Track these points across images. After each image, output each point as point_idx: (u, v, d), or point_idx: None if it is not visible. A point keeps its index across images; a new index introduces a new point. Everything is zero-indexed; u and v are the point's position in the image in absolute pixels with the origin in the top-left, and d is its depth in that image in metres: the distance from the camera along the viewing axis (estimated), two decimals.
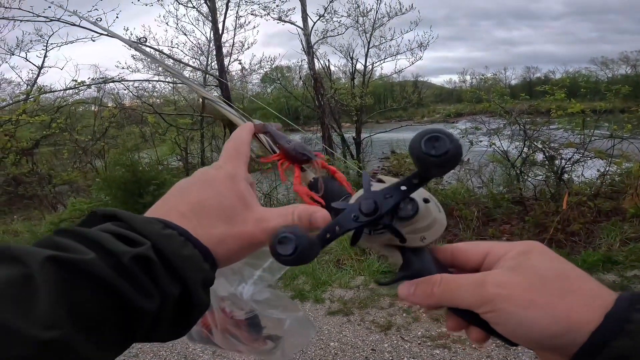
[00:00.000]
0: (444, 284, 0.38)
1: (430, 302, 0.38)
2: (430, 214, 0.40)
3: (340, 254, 4.66)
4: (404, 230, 0.40)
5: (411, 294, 0.39)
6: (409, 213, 0.39)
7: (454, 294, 0.37)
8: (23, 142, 8.28)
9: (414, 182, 0.37)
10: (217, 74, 7.61)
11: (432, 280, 0.38)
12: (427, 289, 0.38)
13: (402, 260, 0.41)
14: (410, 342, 2.95)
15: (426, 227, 0.40)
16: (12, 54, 8.00)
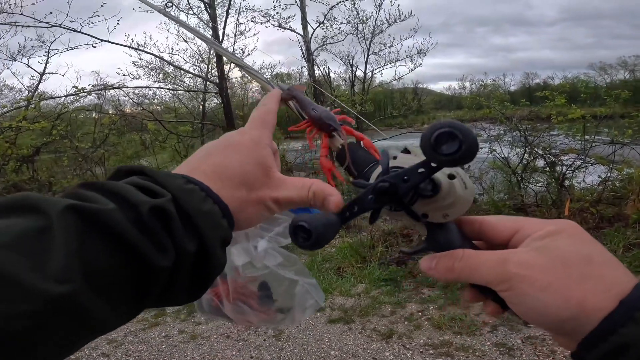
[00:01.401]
0: (465, 259, 0.37)
1: (450, 276, 0.38)
2: (455, 191, 0.39)
3: (340, 261, 4.62)
4: (426, 207, 0.39)
5: (432, 268, 0.39)
6: (428, 193, 0.39)
7: (474, 270, 0.37)
8: (24, 149, 8.27)
9: (432, 165, 0.36)
10: (217, 80, 7.63)
11: (454, 255, 0.38)
12: (448, 263, 0.38)
13: (426, 232, 0.41)
14: (412, 350, 2.90)
15: (449, 204, 0.39)
16: (14, 60, 8.03)
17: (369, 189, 0.39)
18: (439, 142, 0.33)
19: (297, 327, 3.38)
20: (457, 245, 0.39)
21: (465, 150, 0.32)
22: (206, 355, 3.11)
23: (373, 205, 0.39)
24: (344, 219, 0.40)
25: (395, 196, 0.38)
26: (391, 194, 0.38)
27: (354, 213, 0.40)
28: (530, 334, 2.91)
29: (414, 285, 3.94)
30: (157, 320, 3.67)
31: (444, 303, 3.50)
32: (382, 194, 0.38)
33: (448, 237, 0.40)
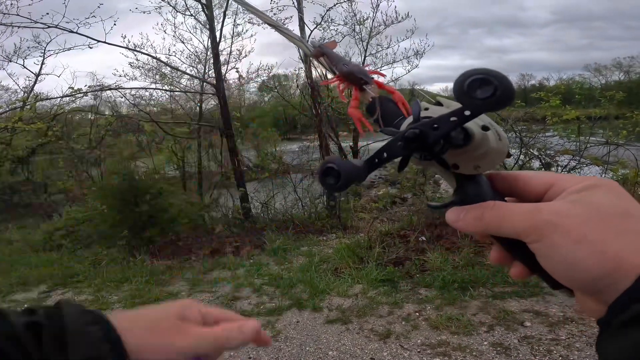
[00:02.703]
0: (496, 209, 0.36)
1: (479, 227, 0.36)
2: (488, 142, 0.38)
3: (338, 262, 4.63)
4: (457, 158, 0.38)
5: (460, 219, 0.38)
6: (459, 142, 0.38)
7: (504, 219, 0.35)
8: (19, 151, 8.23)
9: (465, 113, 0.35)
10: (214, 82, 7.62)
11: (485, 205, 0.37)
12: (477, 212, 0.36)
13: (455, 185, 0.40)
14: (409, 350, 2.91)
15: (481, 155, 0.38)
16: (9, 61, 7.99)
17: (398, 136, 0.38)
18: (472, 87, 0.32)
19: (295, 328, 3.39)
20: (488, 199, 0.38)
21: (501, 95, 0.32)
22: None
23: (402, 152, 0.39)
24: (372, 165, 0.39)
25: (425, 144, 0.37)
26: (421, 141, 0.37)
27: (383, 159, 0.39)
28: (526, 333, 2.93)
29: (411, 285, 3.95)
30: None
31: (441, 303, 3.51)
32: (411, 140, 0.37)
33: (478, 190, 0.39)
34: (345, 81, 0.52)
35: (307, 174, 8.78)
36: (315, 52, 0.56)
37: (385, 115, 0.48)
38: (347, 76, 0.51)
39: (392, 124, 0.47)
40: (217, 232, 6.39)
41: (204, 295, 4.16)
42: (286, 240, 5.68)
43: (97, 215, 6.29)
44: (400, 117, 0.47)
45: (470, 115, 0.35)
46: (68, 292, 4.46)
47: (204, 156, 9.22)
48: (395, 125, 0.46)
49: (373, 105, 0.48)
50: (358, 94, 0.50)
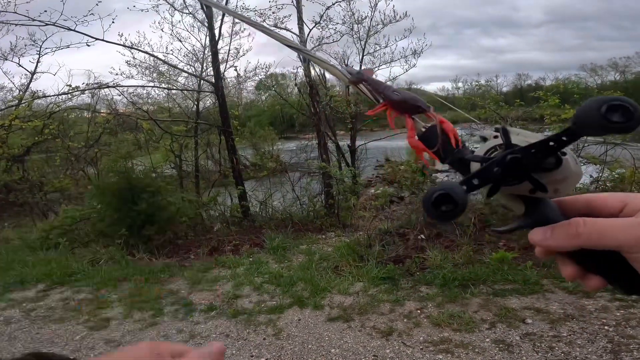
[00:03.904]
0: (591, 224, 0.38)
1: (573, 242, 0.38)
2: (568, 167, 0.40)
3: (338, 260, 4.63)
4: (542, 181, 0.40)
5: (548, 237, 0.40)
6: (551, 166, 0.40)
7: (605, 233, 0.37)
8: (14, 149, 8.16)
9: (563, 139, 0.38)
10: (212, 80, 7.59)
11: (575, 222, 0.39)
12: (570, 230, 0.38)
13: (524, 210, 0.42)
14: (412, 347, 2.92)
15: (562, 179, 0.40)
16: (5, 59, 7.92)
17: (495, 161, 0.39)
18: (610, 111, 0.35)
19: (297, 326, 3.38)
20: (561, 220, 0.40)
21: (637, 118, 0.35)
22: None
23: (497, 177, 0.40)
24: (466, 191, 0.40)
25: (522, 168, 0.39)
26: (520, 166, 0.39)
27: (474, 186, 0.40)
28: (528, 330, 2.95)
29: (411, 283, 3.96)
30: (154, 320, 3.65)
31: (442, 301, 3.53)
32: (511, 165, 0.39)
33: (551, 212, 0.41)
34: (396, 109, 0.51)
35: (305, 173, 8.78)
36: (355, 79, 0.55)
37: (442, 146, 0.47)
38: (401, 104, 0.51)
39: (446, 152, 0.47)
40: (216, 231, 6.37)
41: (204, 294, 4.14)
42: (285, 239, 5.67)
43: (94, 214, 6.25)
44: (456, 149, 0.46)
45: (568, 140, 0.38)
46: (66, 291, 4.42)
47: (201, 155, 9.18)
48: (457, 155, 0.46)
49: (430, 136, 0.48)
50: (412, 122, 0.50)
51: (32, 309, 4.04)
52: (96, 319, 3.72)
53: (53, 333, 3.54)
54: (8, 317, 3.90)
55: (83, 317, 3.79)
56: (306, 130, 10.81)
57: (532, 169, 0.39)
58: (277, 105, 15.85)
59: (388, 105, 0.52)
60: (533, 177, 0.40)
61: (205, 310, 3.78)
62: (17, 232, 7.09)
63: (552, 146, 0.38)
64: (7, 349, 3.34)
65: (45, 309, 4.04)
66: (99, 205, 6.19)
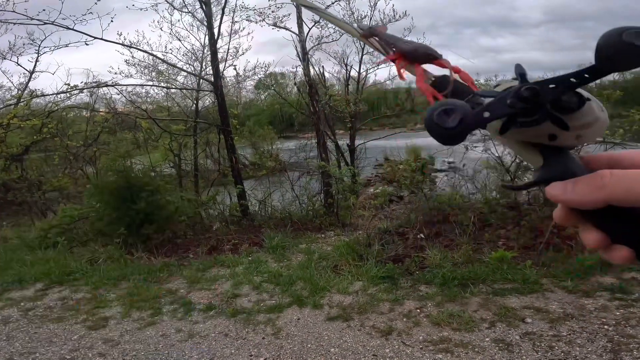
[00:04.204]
0: (620, 175, 0.33)
1: (599, 196, 0.33)
2: (593, 111, 0.36)
3: (337, 259, 4.62)
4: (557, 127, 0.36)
5: (569, 190, 0.35)
6: (573, 105, 0.36)
7: (634, 185, 0.32)
8: (13, 148, 8.13)
9: (585, 75, 0.34)
10: (212, 79, 7.58)
11: (601, 174, 0.34)
12: (594, 181, 0.34)
13: (542, 162, 0.38)
14: (412, 346, 2.91)
15: (585, 125, 0.36)
16: (3, 58, 7.89)
17: (510, 93, 0.36)
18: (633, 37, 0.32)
19: (296, 325, 3.38)
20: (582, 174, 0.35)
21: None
22: (205, 354, 3.09)
23: (510, 111, 0.36)
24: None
25: (539, 103, 0.35)
26: (536, 99, 0.35)
27: (484, 119, 0.36)
28: (528, 330, 2.95)
29: (411, 282, 3.96)
30: (153, 320, 3.63)
31: (442, 300, 3.52)
32: (527, 98, 0.35)
33: (571, 165, 0.37)
34: (407, 59, 0.50)
35: (304, 172, 8.77)
36: (365, 33, 0.55)
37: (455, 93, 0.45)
38: (412, 53, 0.49)
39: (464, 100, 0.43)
40: (215, 230, 6.35)
41: (202, 293, 4.13)
42: (284, 238, 5.66)
43: (93, 213, 6.23)
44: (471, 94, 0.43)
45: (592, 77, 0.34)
46: (65, 290, 4.41)
47: (200, 154, 9.16)
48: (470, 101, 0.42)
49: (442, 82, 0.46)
50: (422, 70, 0.49)
51: (31, 308, 4.02)
52: (95, 318, 3.71)
53: (51, 332, 3.53)
54: (6, 316, 3.88)
55: (81, 316, 3.78)
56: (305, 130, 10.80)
57: (551, 104, 0.35)
58: (276, 104, 15.84)
59: (398, 55, 0.50)
60: (553, 112, 0.35)
61: (204, 310, 3.77)
62: (15, 231, 7.07)
63: (574, 82, 0.35)
64: (5, 348, 3.32)
65: (44, 308, 4.02)
66: (98, 204, 6.17)
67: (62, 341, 3.37)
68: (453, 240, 4.87)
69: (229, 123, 7.40)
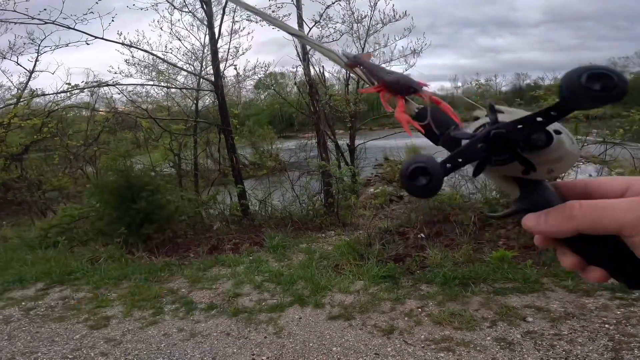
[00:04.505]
0: (588, 205, 0.35)
1: (569, 226, 0.35)
2: (562, 145, 0.38)
3: (338, 259, 4.63)
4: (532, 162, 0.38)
5: (542, 222, 0.37)
6: (541, 143, 0.37)
7: (603, 214, 0.34)
8: (13, 147, 8.13)
9: (552, 114, 0.35)
10: (212, 79, 7.57)
11: (570, 205, 0.36)
12: (566, 213, 0.36)
13: (519, 193, 0.40)
14: (413, 345, 2.92)
15: (556, 159, 0.38)
16: (3, 58, 7.88)
17: (479, 137, 0.37)
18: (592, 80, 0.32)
19: (298, 324, 3.38)
20: (557, 204, 0.37)
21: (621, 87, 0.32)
22: (207, 353, 3.09)
23: (481, 155, 0.37)
24: (445, 170, 0.38)
25: (509, 144, 0.36)
26: (505, 141, 0.36)
27: (458, 164, 0.38)
28: (529, 329, 2.96)
29: (412, 282, 3.97)
30: (155, 319, 3.64)
31: (443, 299, 3.53)
32: (496, 141, 0.36)
33: (547, 195, 0.38)
34: (390, 90, 0.50)
35: (304, 172, 8.77)
36: (350, 63, 0.55)
37: (435, 124, 0.46)
38: (394, 85, 0.50)
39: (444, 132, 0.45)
40: (215, 229, 6.36)
41: (204, 292, 4.14)
42: (285, 238, 5.66)
43: (93, 212, 6.23)
44: (452, 126, 0.44)
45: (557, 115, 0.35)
46: (66, 290, 4.41)
47: (200, 153, 9.16)
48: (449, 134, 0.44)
49: (421, 114, 0.46)
50: (403, 102, 0.49)
51: (32, 308, 4.02)
52: (96, 318, 3.71)
53: (53, 332, 3.53)
54: (7, 315, 3.89)
55: (83, 315, 3.78)
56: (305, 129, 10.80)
57: (519, 145, 0.37)
58: (276, 104, 15.83)
59: (382, 86, 0.51)
60: (520, 154, 0.37)
61: (206, 309, 3.77)
62: (15, 230, 7.07)
63: (541, 122, 0.36)
64: (7, 348, 3.33)
65: (45, 307, 4.03)
66: (98, 204, 6.17)
67: (64, 340, 3.37)
68: (453, 240, 4.88)
69: (229, 123, 7.40)
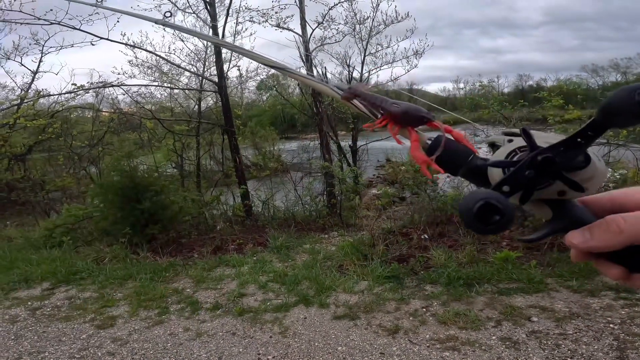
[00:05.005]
0: (633, 218, 0.36)
1: (618, 240, 0.37)
2: (594, 164, 0.39)
3: (342, 259, 4.65)
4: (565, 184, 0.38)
5: (589, 238, 0.38)
6: (581, 164, 0.38)
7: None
8: (17, 148, 8.16)
9: (589, 134, 0.37)
10: (216, 79, 7.61)
11: (615, 219, 0.37)
12: (611, 227, 0.37)
13: (551, 214, 0.40)
14: (418, 345, 2.94)
15: (589, 177, 0.39)
16: (7, 59, 7.93)
17: (525, 163, 0.37)
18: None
19: (303, 324, 3.40)
20: (592, 220, 0.38)
21: None
22: (213, 352, 3.11)
23: (529, 182, 0.37)
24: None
25: (555, 168, 0.37)
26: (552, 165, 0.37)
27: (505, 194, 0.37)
28: (534, 328, 2.97)
29: (416, 282, 3.98)
30: (161, 319, 3.66)
31: (448, 299, 3.55)
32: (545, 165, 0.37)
33: (579, 213, 0.39)
34: (398, 122, 0.47)
35: (307, 173, 8.80)
36: (347, 95, 0.51)
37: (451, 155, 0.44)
38: (403, 116, 0.47)
39: (462, 163, 0.44)
40: (219, 230, 6.38)
41: (209, 292, 4.16)
42: (288, 238, 5.68)
43: (97, 213, 6.25)
44: (470, 156, 0.44)
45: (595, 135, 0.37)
46: (72, 290, 4.43)
47: (204, 155, 9.19)
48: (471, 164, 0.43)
49: (435, 146, 0.45)
50: (417, 136, 0.47)
51: (38, 308, 4.05)
52: (102, 318, 3.73)
53: (60, 331, 3.55)
54: (14, 315, 3.91)
55: (89, 315, 3.80)
56: (307, 130, 10.82)
57: (564, 168, 0.37)
58: (278, 105, 15.85)
59: (389, 118, 0.48)
60: (568, 177, 0.38)
61: (211, 309, 3.79)
62: (20, 230, 7.10)
63: (580, 142, 0.37)
64: (14, 347, 3.35)
65: (51, 307, 4.05)
66: (102, 204, 6.19)
67: (71, 340, 3.39)
68: (457, 241, 4.89)
69: (233, 124, 7.43)
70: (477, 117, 6.86)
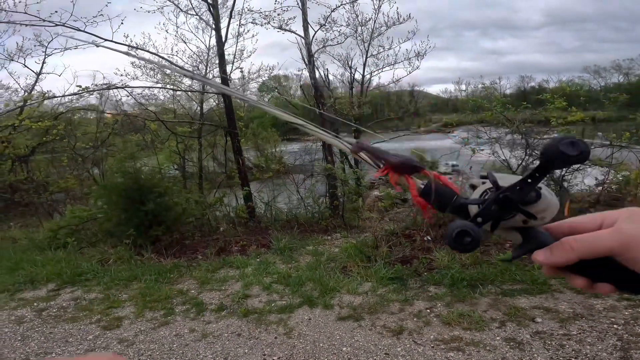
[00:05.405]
0: (581, 239, 0.46)
1: (571, 256, 0.46)
2: (546, 198, 0.49)
3: (345, 261, 4.67)
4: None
5: (550, 256, 0.48)
6: (533, 199, 0.48)
7: (594, 243, 0.45)
8: (20, 149, 8.20)
9: (536, 175, 0.47)
10: (219, 81, 7.64)
11: (567, 240, 0.46)
12: (565, 246, 0.46)
13: (521, 239, 0.50)
14: (423, 345, 2.96)
15: (544, 209, 0.49)
16: (11, 60, 7.97)
17: (491, 201, 0.48)
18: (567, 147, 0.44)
19: (307, 325, 3.42)
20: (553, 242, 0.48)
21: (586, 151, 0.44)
22: (218, 353, 3.13)
23: (496, 215, 0.48)
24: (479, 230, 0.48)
25: (513, 203, 0.47)
26: (510, 201, 0.48)
27: (479, 224, 0.49)
28: (538, 329, 2.99)
29: (420, 283, 4.00)
30: (166, 320, 3.68)
31: (451, 300, 3.57)
32: (505, 202, 0.48)
33: (542, 237, 0.49)
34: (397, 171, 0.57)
35: (309, 174, 8.82)
36: (355, 149, 0.62)
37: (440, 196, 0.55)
38: (400, 167, 0.57)
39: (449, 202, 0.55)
40: (222, 231, 6.40)
41: (213, 293, 4.18)
42: (292, 240, 5.71)
43: (101, 214, 6.28)
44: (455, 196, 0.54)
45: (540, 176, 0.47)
46: (77, 291, 4.46)
47: (206, 156, 9.22)
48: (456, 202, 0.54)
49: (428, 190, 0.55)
50: (414, 183, 0.57)
51: (44, 309, 4.07)
52: (108, 319, 3.76)
53: (66, 332, 3.57)
54: (20, 316, 3.94)
55: (95, 316, 3.82)
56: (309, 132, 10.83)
57: (520, 202, 0.48)
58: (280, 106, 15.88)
59: (390, 168, 0.58)
60: (523, 209, 0.48)
61: (216, 310, 3.81)
62: (24, 231, 7.13)
63: (531, 182, 0.47)
64: (21, 348, 3.37)
65: (57, 308, 4.07)
66: (105, 206, 6.22)
67: (78, 341, 3.42)
68: None
69: (236, 125, 7.46)
70: (479, 119, 6.88)
